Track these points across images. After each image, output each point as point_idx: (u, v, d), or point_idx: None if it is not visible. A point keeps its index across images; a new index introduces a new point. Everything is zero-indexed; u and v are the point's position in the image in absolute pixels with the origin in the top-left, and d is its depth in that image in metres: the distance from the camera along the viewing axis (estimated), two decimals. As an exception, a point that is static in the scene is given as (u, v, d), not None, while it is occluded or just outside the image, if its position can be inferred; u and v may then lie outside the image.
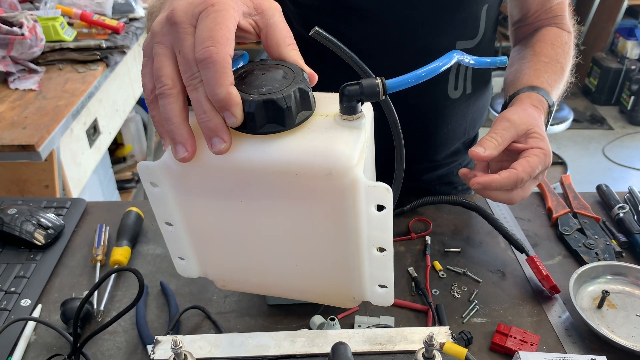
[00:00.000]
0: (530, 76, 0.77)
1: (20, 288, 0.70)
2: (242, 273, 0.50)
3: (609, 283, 0.69)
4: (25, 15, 1.31)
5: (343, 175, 0.38)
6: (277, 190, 0.40)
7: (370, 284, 0.46)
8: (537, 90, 0.74)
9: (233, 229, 0.45)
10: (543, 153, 0.64)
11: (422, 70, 0.41)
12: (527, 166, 0.62)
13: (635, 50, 3.35)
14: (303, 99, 0.39)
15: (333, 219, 0.41)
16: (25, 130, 1.07)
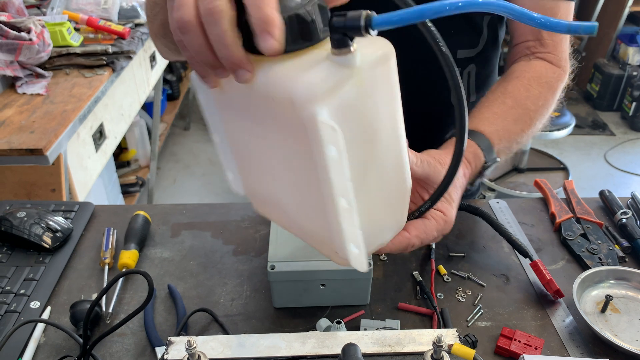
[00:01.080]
0: (482, 119, 0.70)
1: (30, 290, 0.71)
2: (263, 197, 0.50)
3: (612, 287, 0.70)
4: (33, 21, 1.33)
5: (302, 107, 0.36)
6: (267, 116, 0.40)
7: (346, 240, 0.42)
8: (479, 140, 0.66)
9: (247, 150, 0.46)
10: (444, 219, 0.58)
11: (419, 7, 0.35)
12: (422, 232, 0.56)
13: (637, 56, 3.37)
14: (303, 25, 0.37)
15: (304, 155, 0.39)
16: (33, 134, 1.08)
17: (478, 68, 0.83)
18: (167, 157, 3.08)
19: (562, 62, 0.80)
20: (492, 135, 0.67)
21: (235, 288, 0.72)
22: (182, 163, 3.05)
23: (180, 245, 0.80)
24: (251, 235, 0.82)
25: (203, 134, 3.33)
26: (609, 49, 3.51)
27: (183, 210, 0.88)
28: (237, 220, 0.85)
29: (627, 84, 3.40)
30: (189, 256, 0.78)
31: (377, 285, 0.71)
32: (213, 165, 3.02)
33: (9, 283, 0.71)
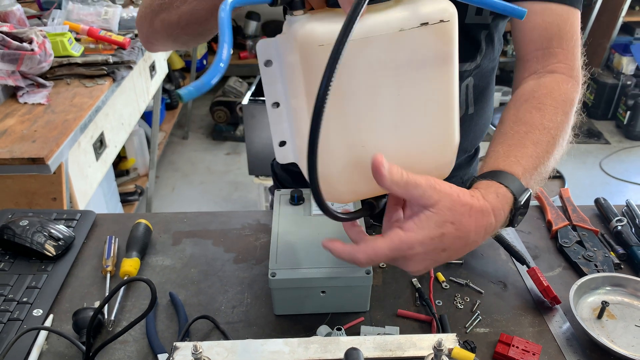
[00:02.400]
0: (498, 155, 0.63)
1: (32, 298, 0.71)
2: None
3: (608, 294, 0.71)
4: (35, 31, 1.34)
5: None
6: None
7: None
8: (501, 178, 0.58)
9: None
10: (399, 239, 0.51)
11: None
12: (370, 247, 0.52)
13: (631, 66, 3.40)
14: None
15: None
16: (35, 143, 1.09)
17: (476, 80, 0.85)
18: (166, 165, 3.09)
19: (575, 72, 0.77)
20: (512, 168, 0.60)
21: (236, 295, 0.73)
22: (180, 172, 3.06)
23: (182, 253, 0.81)
24: (252, 243, 0.83)
25: (201, 143, 3.34)
26: (603, 58, 3.55)
27: (184, 218, 0.89)
28: (238, 228, 0.86)
29: (622, 93, 3.44)
30: (190, 264, 0.79)
31: (376, 292, 0.72)
32: (211, 173, 3.04)
33: (11, 291, 0.72)
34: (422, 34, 0.47)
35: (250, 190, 2.87)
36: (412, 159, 0.53)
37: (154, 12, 0.71)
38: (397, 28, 0.47)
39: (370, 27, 0.46)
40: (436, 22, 0.47)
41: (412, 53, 0.48)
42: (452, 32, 0.49)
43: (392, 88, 0.49)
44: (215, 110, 3.25)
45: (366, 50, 0.47)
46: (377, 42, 0.47)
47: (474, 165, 1.02)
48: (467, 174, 1.01)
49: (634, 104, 3.31)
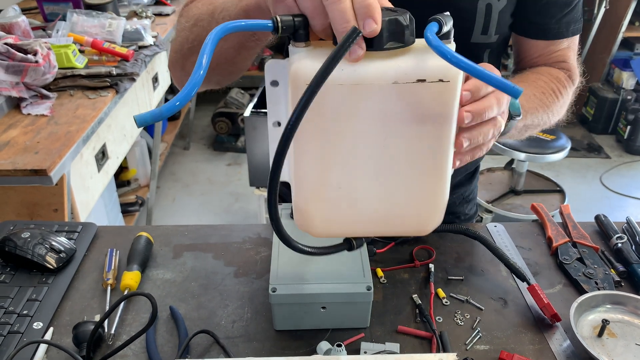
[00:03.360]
0: None
1: (33, 311, 0.71)
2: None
3: (609, 312, 0.71)
4: (39, 43, 1.35)
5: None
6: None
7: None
8: None
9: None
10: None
11: None
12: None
13: (631, 80, 3.42)
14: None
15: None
16: (38, 155, 1.09)
17: None
18: (167, 176, 3.10)
19: (572, 70, 0.86)
20: None
21: (236, 310, 0.73)
22: (181, 182, 3.06)
23: (182, 267, 0.81)
24: (252, 257, 0.83)
25: (202, 154, 3.35)
26: (604, 73, 3.57)
27: (185, 231, 0.89)
28: (239, 242, 0.86)
29: (622, 108, 3.45)
30: (190, 277, 0.79)
31: (376, 308, 0.72)
32: (212, 184, 3.04)
33: (12, 303, 0.72)
34: (418, 91, 0.45)
35: (250, 202, 2.87)
36: (391, 210, 0.52)
37: (185, 57, 0.73)
38: (391, 80, 0.45)
39: (363, 74, 0.44)
40: (434, 80, 0.45)
41: (404, 108, 0.46)
42: (451, 93, 0.46)
43: (377, 138, 0.47)
44: (217, 121, 3.26)
45: (356, 96, 0.45)
46: (368, 91, 0.45)
47: (475, 182, 1.03)
48: (467, 190, 1.01)
49: (634, 119, 3.32)
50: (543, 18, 0.83)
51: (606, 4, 3.16)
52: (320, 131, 0.47)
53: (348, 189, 0.50)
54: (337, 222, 0.53)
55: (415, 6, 0.77)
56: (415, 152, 0.49)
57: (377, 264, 0.80)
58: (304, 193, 0.52)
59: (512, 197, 2.69)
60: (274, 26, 0.46)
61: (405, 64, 0.45)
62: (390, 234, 0.57)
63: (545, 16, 0.83)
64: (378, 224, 0.54)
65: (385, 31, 0.45)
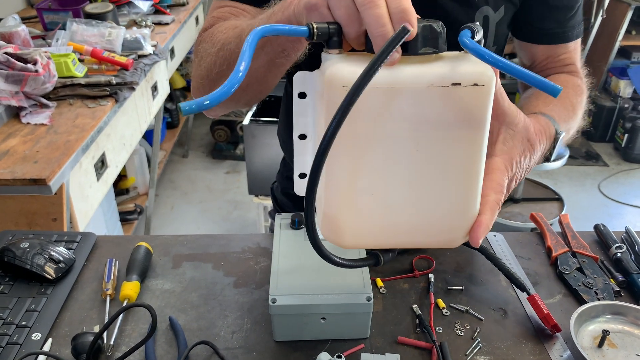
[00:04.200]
0: (538, 105, 0.73)
1: (31, 322, 0.71)
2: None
3: (609, 322, 0.71)
4: (39, 53, 1.36)
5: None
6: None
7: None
8: (544, 115, 0.69)
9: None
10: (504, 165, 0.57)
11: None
12: (496, 184, 0.55)
13: (628, 89, 3.44)
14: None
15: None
16: (37, 164, 1.09)
17: None
18: (165, 184, 3.09)
19: (579, 72, 0.87)
20: (552, 114, 0.69)
21: (235, 321, 0.73)
22: (179, 190, 3.06)
23: (182, 277, 0.81)
24: (252, 267, 0.83)
25: (201, 161, 3.35)
26: (601, 81, 3.59)
27: (184, 241, 0.89)
28: (238, 251, 0.86)
29: (619, 116, 3.47)
30: (190, 288, 0.79)
31: (376, 318, 0.72)
32: (211, 192, 3.04)
33: (10, 314, 0.72)
34: (452, 95, 0.45)
35: (249, 210, 2.87)
36: (423, 218, 0.51)
37: (213, 81, 0.72)
38: (426, 83, 0.45)
39: (399, 78, 0.45)
40: (469, 84, 0.45)
41: (438, 112, 0.46)
42: (485, 97, 0.46)
43: (411, 143, 0.47)
44: (216, 129, 3.26)
45: (391, 100, 0.45)
46: (403, 94, 0.45)
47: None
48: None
49: (632, 127, 3.33)
50: (548, 23, 0.84)
51: (603, 12, 3.19)
52: (353, 135, 0.46)
53: (380, 196, 0.50)
54: (368, 231, 0.52)
55: None
56: (448, 158, 0.48)
57: (377, 273, 0.80)
58: (335, 202, 0.50)
59: (510, 205, 2.70)
60: (310, 32, 0.46)
61: (441, 69, 0.45)
62: (421, 245, 0.56)
63: (550, 21, 0.84)
64: (409, 234, 0.53)
65: (420, 36, 0.45)
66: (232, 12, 0.78)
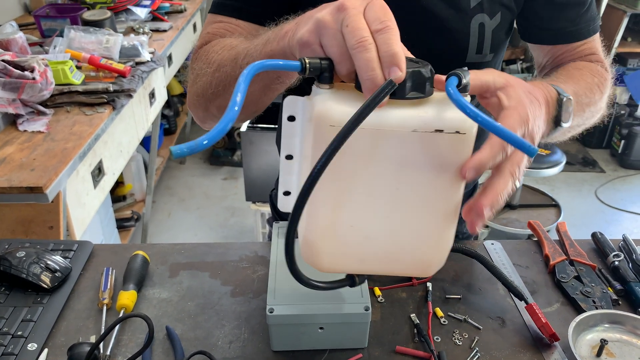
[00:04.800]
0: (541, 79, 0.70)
1: (27, 332, 0.70)
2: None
3: (607, 331, 0.71)
4: (37, 60, 1.36)
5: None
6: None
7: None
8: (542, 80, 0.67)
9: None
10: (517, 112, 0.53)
11: None
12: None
13: (624, 95, 3.46)
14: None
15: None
16: (34, 172, 1.09)
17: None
18: (162, 190, 3.09)
19: (604, 61, 0.85)
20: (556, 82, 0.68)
21: (233, 330, 0.72)
22: (177, 197, 3.05)
23: (179, 286, 0.81)
24: (249, 276, 0.82)
25: (198, 168, 3.35)
26: (597, 88, 3.60)
27: (181, 250, 0.88)
28: (235, 260, 0.86)
29: (616, 122, 3.48)
30: (187, 297, 0.78)
31: (374, 328, 0.72)
32: (208, 199, 3.03)
33: (6, 324, 0.71)
34: (435, 140, 0.47)
35: (247, 216, 2.86)
36: (398, 250, 0.53)
37: (209, 100, 0.74)
38: (410, 128, 0.46)
39: (385, 121, 0.46)
40: (451, 131, 0.46)
41: (420, 155, 0.47)
42: (466, 144, 0.48)
43: (391, 182, 0.49)
44: (213, 136, 3.26)
45: (375, 141, 0.47)
46: (388, 136, 0.47)
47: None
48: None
49: (628, 133, 3.35)
50: (560, 23, 0.83)
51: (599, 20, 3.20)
52: (337, 171, 0.48)
53: (360, 227, 0.52)
54: (345, 258, 0.54)
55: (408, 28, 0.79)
56: (426, 198, 0.50)
57: (375, 282, 0.79)
58: (316, 229, 0.53)
59: (508, 211, 2.70)
60: (302, 67, 0.48)
61: (425, 114, 0.46)
62: (395, 274, 0.59)
63: (562, 20, 0.83)
64: (384, 263, 0.55)
65: (409, 81, 0.46)
66: (226, 28, 0.79)
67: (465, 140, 0.47)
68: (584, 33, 0.84)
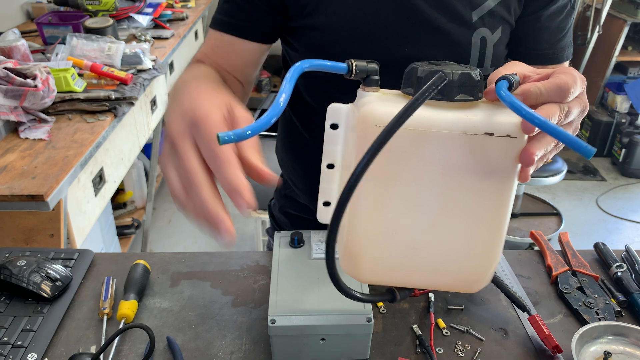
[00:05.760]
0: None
1: (27, 342, 0.70)
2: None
3: (610, 343, 0.70)
4: (39, 68, 1.36)
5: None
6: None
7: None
8: None
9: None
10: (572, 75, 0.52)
11: None
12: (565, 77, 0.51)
13: (625, 104, 3.46)
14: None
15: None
16: (35, 180, 1.09)
17: None
18: (163, 197, 3.09)
19: None
20: None
21: (234, 341, 0.72)
22: (177, 204, 3.05)
23: (180, 295, 0.80)
24: (250, 286, 0.82)
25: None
26: (598, 96, 3.61)
27: (182, 258, 0.88)
28: (237, 270, 0.86)
29: (616, 131, 3.48)
30: (188, 307, 0.78)
31: (376, 339, 0.71)
32: (208, 206, 3.02)
33: (6, 334, 0.71)
34: (484, 144, 0.45)
35: (247, 224, 2.85)
36: (443, 262, 0.51)
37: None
38: (459, 130, 0.45)
39: (432, 122, 0.45)
40: (502, 135, 0.45)
41: (468, 159, 0.46)
42: (516, 149, 0.46)
43: (438, 186, 0.47)
44: (214, 143, 3.26)
45: (422, 143, 0.46)
46: (435, 138, 0.45)
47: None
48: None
49: (629, 142, 3.35)
50: (539, 44, 0.85)
51: (599, 28, 3.22)
52: (381, 175, 0.47)
53: (403, 236, 0.50)
54: (387, 269, 0.53)
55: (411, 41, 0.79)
56: (474, 206, 0.48)
57: (377, 293, 0.79)
58: (358, 235, 0.51)
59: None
60: (349, 69, 0.48)
61: (475, 117, 0.45)
62: (438, 288, 0.56)
63: (540, 42, 0.85)
64: (428, 275, 0.53)
65: (458, 83, 0.46)
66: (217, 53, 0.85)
67: (516, 144, 0.46)
68: (559, 57, 0.87)
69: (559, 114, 0.49)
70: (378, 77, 0.49)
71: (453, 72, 0.46)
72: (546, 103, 0.49)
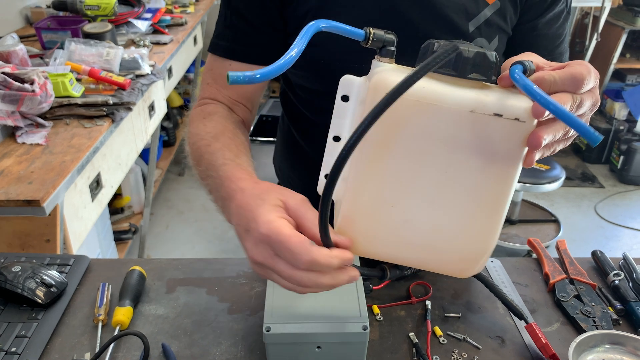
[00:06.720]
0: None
1: (21, 348, 0.69)
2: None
3: (608, 352, 0.70)
4: (37, 72, 1.36)
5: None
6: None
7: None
8: None
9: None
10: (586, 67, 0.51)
11: None
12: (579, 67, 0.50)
13: (623, 111, 3.47)
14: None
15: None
16: (31, 185, 1.09)
17: None
18: (161, 202, 3.08)
19: None
20: None
21: (229, 348, 0.71)
22: (175, 209, 3.04)
23: (175, 302, 0.80)
24: (246, 293, 0.82)
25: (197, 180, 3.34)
26: (596, 103, 3.62)
27: (178, 265, 0.88)
28: (233, 276, 0.85)
29: (615, 138, 3.49)
30: (183, 313, 0.78)
31: (372, 347, 0.71)
32: (206, 211, 3.02)
33: (0, 340, 0.70)
34: (492, 125, 0.45)
35: (245, 229, 2.85)
36: (438, 241, 0.51)
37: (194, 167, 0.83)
38: (468, 108, 0.45)
39: (442, 96, 0.45)
40: (510, 118, 0.45)
41: (474, 139, 0.46)
42: (524, 134, 0.46)
43: (441, 163, 0.47)
44: (213, 148, 3.26)
45: (430, 117, 0.45)
46: (443, 113, 0.45)
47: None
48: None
49: (627, 149, 3.36)
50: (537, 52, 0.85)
51: (597, 36, 3.23)
52: (385, 143, 0.46)
53: (401, 209, 0.49)
54: (382, 242, 0.52)
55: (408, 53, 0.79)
56: (475, 188, 0.48)
57: (374, 300, 0.79)
58: (355, 204, 0.51)
59: (507, 226, 2.70)
60: (366, 36, 0.48)
61: (486, 97, 0.45)
62: (431, 269, 0.56)
63: (538, 49, 0.85)
64: (421, 254, 0.53)
65: (472, 61, 0.46)
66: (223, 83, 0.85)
67: (524, 129, 0.45)
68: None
69: (571, 103, 0.48)
70: (394, 49, 0.49)
71: (469, 50, 0.46)
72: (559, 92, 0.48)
